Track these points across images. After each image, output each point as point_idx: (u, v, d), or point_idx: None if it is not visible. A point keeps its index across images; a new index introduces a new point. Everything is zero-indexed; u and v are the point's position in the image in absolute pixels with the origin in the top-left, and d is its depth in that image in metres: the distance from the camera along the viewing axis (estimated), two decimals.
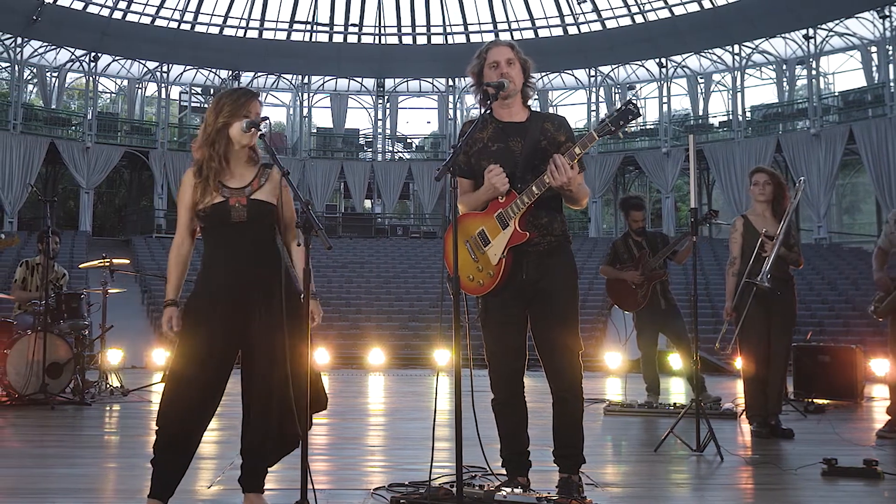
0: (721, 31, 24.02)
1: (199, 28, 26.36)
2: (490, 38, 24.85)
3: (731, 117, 25.00)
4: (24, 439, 5.27)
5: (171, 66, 26.39)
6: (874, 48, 22.83)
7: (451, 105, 28.02)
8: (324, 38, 27.38)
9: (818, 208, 22.23)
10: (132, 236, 23.95)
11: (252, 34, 26.91)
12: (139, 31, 25.27)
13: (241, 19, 26.74)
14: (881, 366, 9.37)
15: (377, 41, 27.87)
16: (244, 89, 3.19)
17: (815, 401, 7.34)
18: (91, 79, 25.45)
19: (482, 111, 3.27)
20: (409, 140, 29.68)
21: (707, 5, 24.23)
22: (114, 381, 8.14)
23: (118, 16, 25.08)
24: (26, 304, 7.65)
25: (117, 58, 25.92)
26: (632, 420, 6.31)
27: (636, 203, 7.36)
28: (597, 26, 26.26)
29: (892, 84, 21.67)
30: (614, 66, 26.34)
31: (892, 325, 5.41)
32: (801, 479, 3.92)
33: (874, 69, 22.89)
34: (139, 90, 27.46)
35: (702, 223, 6.43)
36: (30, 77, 25.77)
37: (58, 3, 23.56)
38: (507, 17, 27.11)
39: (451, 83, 27.75)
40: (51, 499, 3.40)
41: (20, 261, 8.13)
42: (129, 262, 9.50)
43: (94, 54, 24.95)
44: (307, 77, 27.50)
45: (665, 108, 25.64)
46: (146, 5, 25.49)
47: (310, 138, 27.71)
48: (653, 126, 26.06)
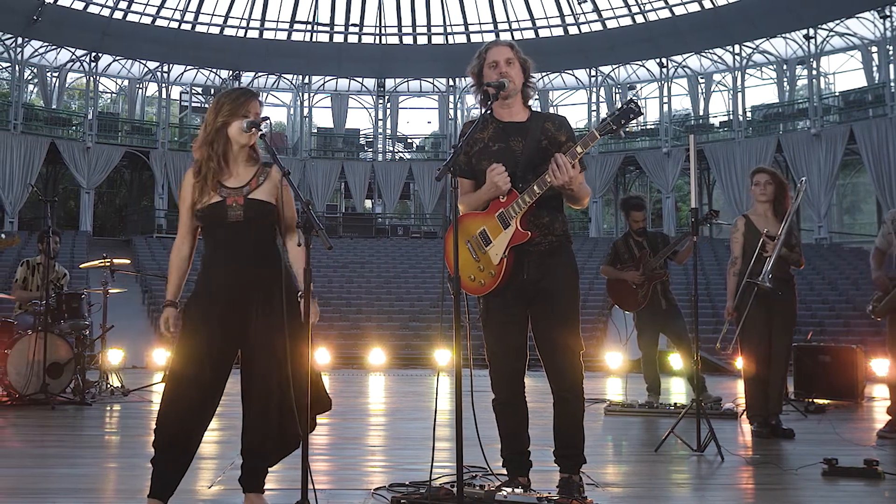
0: (721, 31, 24.02)
1: (199, 28, 26.38)
2: (490, 38, 24.87)
3: (731, 117, 25.01)
4: (24, 439, 5.27)
5: (171, 66, 26.41)
6: (875, 48, 22.83)
7: (451, 105, 28.02)
8: (324, 38, 27.39)
9: (819, 208, 22.23)
10: (133, 236, 23.97)
11: (252, 34, 26.91)
12: (140, 31, 25.28)
13: (241, 19, 26.76)
14: (882, 366, 9.36)
15: (378, 41, 27.88)
16: (244, 89, 3.19)
17: (815, 401, 7.35)
18: (91, 79, 25.47)
19: (482, 111, 3.27)
20: (409, 140, 29.69)
21: (707, 5, 24.23)
22: (114, 381, 8.15)
23: (119, 16, 25.10)
24: (27, 304, 7.65)
25: (118, 58, 25.93)
26: (632, 420, 6.32)
27: (637, 203, 7.35)
28: (597, 26, 26.26)
29: (892, 84, 21.66)
30: (615, 66, 26.35)
31: (891, 324, 5.41)
32: (802, 479, 3.91)
33: (875, 69, 22.88)
34: (140, 90, 27.46)
35: (702, 223, 6.42)
36: (30, 77, 25.78)
37: (58, 3, 23.57)
38: (508, 17, 27.13)
39: (451, 83, 27.75)
40: (51, 499, 3.40)
41: (21, 260, 8.13)
42: (129, 262, 9.49)
43: (94, 54, 24.96)
44: (308, 77, 27.51)
45: (665, 108, 25.65)
46: (147, 5, 25.51)
47: (310, 138, 27.72)
48: (653, 126, 26.07)
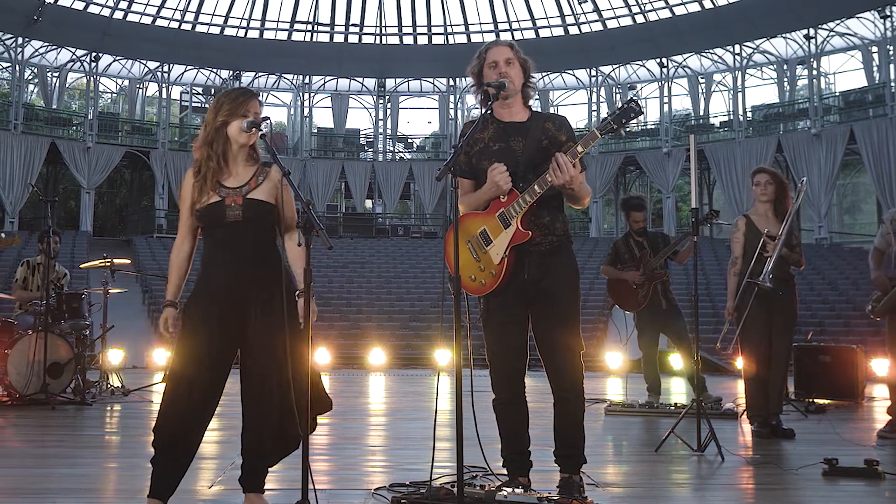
0: (722, 31, 24.02)
1: (199, 28, 26.38)
2: (491, 37, 24.87)
3: (731, 117, 25.01)
4: (24, 439, 5.27)
5: (171, 66, 26.41)
6: (875, 48, 22.83)
7: (451, 105, 28.03)
8: (325, 38, 27.39)
9: (819, 208, 22.22)
10: (133, 236, 23.98)
11: (253, 34, 26.91)
12: (140, 31, 25.29)
13: (241, 19, 26.76)
14: (882, 366, 9.36)
15: (378, 41, 27.88)
16: (243, 89, 3.19)
17: (815, 401, 7.34)
18: (92, 79, 25.48)
19: (483, 111, 3.27)
20: (409, 140, 29.69)
21: (708, 5, 24.23)
22: (115, 381, 8.15)
23: (119, 16, 25.10)
24: (27, 304, 7.65)
25: (118, 58, 25.94)
26: (633, 420, 6.31)
27: (637, 203, 7.35)
28: (598, 26, 26.26)
29: (892, 84, 21.66)
30: (615, 66, 26.35)
31: (890, 324, 5.40)
32: (802, 480, 3.91)
33: (875, 69, 22.88)
34: (140, 90, 27.46)
35: (703, 223, 6.42)
36: (31, 77, 25.78)
37: (58, 3, 23.58)
38: (508, 17, 27.13)
39: (451, 83, 27.75)
40: (52, 499, 3.40)
41: (21, 260, 8.14)
42: (129, 262, 9.49)
43: (94, 54, 24.96)
44: (308, 77, 27.52)
45: (666, 108, 25.65)
46: (147, 5, 25.51)
47: (311, 138, 27.72)
48: (654, 126, 26.08)
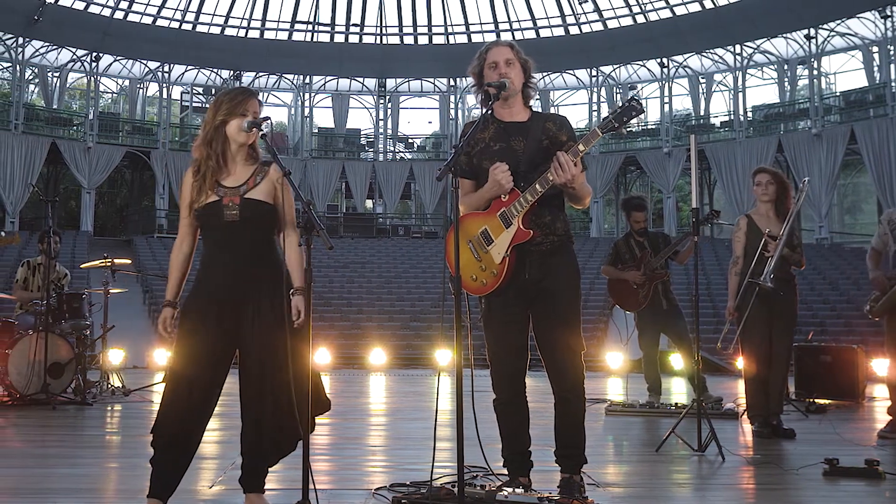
0: (722, 30, 24.01)
1: (200, 28, 26.37)
2: (491, 38, 24.89)
3: (732, 117, 24.99)
4: (25, 439, 5.27)
5: (172, 66, 26.40)
6: (875, 48, 22.81)
7: (452, 105, 28.02)
8: (325, 38, 27.38)
9: (819, 208, 22.21)
10: (133, 236, 23.98)
11: (253, 34, 26.91)
12: (140, 31, 25.28)
13: (242, 19, 26.75)
14: (882, 366, 9.36)
15: (379, 41, 27.88)
16: (242, 88, 3.19)
17: (816, 401, 7.34)
18: (92, 79, 25.48)
19: (483, 111, 3.27)
20: (410, 140, 29.69)
21: (708, 5, 24.22)
22: (115, 381, 8.15)
23: (119, 16, 25.09)
24: (28, 304, 7.66)
25: (119, 58, 25.93)
26: (633, 420, 6.32)
27: (638, 203, 7.34)
28: (598, 26, 26.25)
29: (893, 84, 21.64)
30: (616, 66, 26.34)
31: (889, 324, 5.40)
32: (803, 480, 3.91)
33: (875, 69, 22.86)
34: (140, 90, 27.45)
35: (703, 223, 6.42)
36: (31, 77, 25.77)
37: (59, 3, 23.57)
38: (509, 17, 27.12)
39: (452, 83, 27.74)
40: (52, 499, 3.40)
41: (21, 261, 8.14)
42: (130, 262, 9.49)
43: (95, 54, 24.96)
44: (308, 77, 27.51)
45: (666, 108, 25.64)
46: (147, 5, 25.51)
47: (311, 138, 27.72)
48: (654, 126, 26.07)
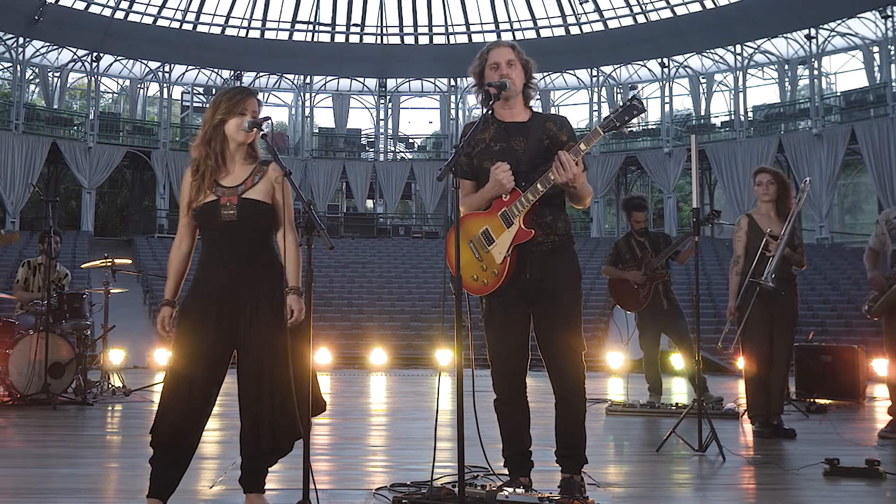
0: (723, 30, 24.01)
1: (200, 28, 26.37)
2: (492, 38, 24.88)
3: (733, 117, 24.99)
4: (26, 439, 5.27)
5: (172, 66, 26.40)
6: (876, 48, 22.81)
7: (453, 105, 28.02)
8: (326, 38, 27.38)
9: (820, 208, 22.21)
10: (134, 236, 24.00)
11: (254, 34, 26.91)
12: (141, 31, 25.28)
13: (242, 19, 26.75)
14: (883, 366, 9.35)
15: (379, 41, 27.87)
16: (241, 87, 3.19)
17: (817, 401, 7.34)
18: (93, 79, 25.48)
19: (484, 112, 3.26)
20: (411, 140, 29.70)
21: (709, 5, 24.21)
22: (116, 381, 8.15)
23: (120, 16, 25.10)
24: (28, 304, 7.66)
25: (119, 58, 25.94)
26: (634, 420, 6.32)
27: (638, 203, 7.34)
28: (599, 26, 26.25)
29: (893, 84, 21.64)
30: (616, 66, 26.34)
31: (887, 324, 5.39)
32: (804, 480, 3.91)
33: (876, 69, 22.86)
34: (141, 90, 27.48)
35: (704, 223, 6.42)
36: (32, 77, 25.77)
37: (59, 3, 23.58)
38: (509, 17, 27.12)
39: (452, 83, 27.75)
40: (53, 499, 3.40)
41: (22, 261, 8.14)
42: (130, 262, 9.49)
43: (95, 54, 24.97)
44: (309, 77, 27.51)
45: (667, 108, 25.64)
46: (148, 5, 25.51)
47: (312, 138, 27.72)
48: (655, 126, 26.06)
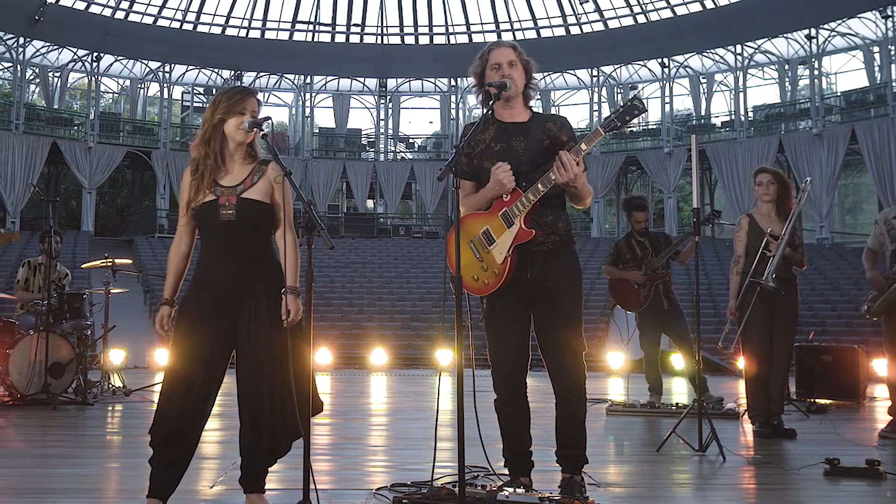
0: (723, 31, 24.01)
1: (201, 28, 26.37)
2: (492, 38, 24.87)
3: (733, 117, 24.99)
4: (26, 439, 5.27)
5: (173, 66, 26.41)
6: (876, 48, 22.80)
7: (453, 105, 28.02)
8: (326, 38, 27.39)
9: (820, 208, 22.21)
10: (134, 236, 24.00)
11: (254, 34, 26.91)
12: (141, 31, 25.29)
13: (243, 19, 26.76)
14: (883, 366, 9.35)
15: (379, 41, 27.88)
16: (241, 87, 3.18)
17: (817, 401, 7.35)
18: (93, 79, 25.49)
19: (484, 112, 3.26)
20: (411, 140, 29.69)
21: (709, 5, 24.21)
22: (116, 381, 8.15)
23: (120, 16, 25.10)
24: (29, 304, 7.66)
25: (119, 58, 25.95)
26: (634, 420, 6.32)
27: (639, 204, 7.34)
28: (599, 26, 26.25)
29: (894, 84, 21.63)
30: (616, 66, 26.34)
31: (887, 323, 5.39)
32: (804, 480, 3.91)
33: (876, 69, 22.85)
34: (141, 90, 27.48)
35: (704, 223, 6.42)
36: (32, 77, 25.78)
37: (60, 3, 23.58)
38: (510, 17, 27.12)
39: (453, 83, 27.74)
40: (53, 499, 3.40)
41: (22, 261, 8.15)
42: (131, 262, 9.48)
43: (96, 54, 24.97)
44: (309, 77, 27.51)
45: (667, 108, 25.64)
46: (148, 5, 25.52)
47: (312, 138, 27.72)
48: (655, 126, 26.06)
